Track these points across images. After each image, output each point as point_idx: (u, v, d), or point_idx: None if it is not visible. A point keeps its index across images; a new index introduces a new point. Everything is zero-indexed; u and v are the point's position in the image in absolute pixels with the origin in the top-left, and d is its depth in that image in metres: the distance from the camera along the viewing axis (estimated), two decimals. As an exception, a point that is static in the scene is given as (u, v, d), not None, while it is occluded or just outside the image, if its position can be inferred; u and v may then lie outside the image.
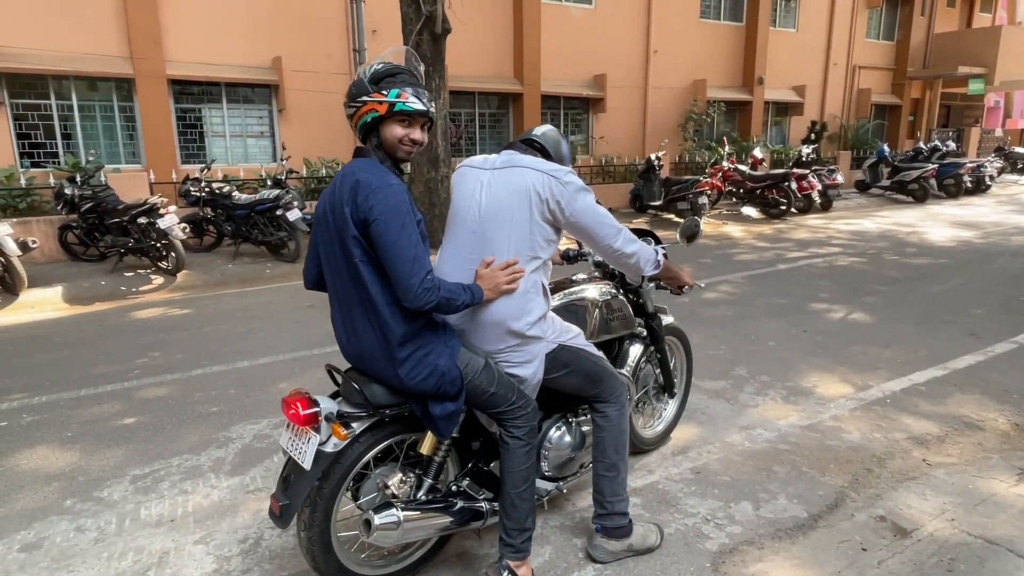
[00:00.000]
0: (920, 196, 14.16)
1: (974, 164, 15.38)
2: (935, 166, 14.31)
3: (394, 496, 2.03)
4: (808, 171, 12.24)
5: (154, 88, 10.19)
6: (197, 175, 8.53)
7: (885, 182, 14.57)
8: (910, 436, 3.32)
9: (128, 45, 9.99)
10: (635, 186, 12.15)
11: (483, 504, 2.18)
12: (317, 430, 1.87)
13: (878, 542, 2.45)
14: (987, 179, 15.51)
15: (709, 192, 11.25)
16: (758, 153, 12.94)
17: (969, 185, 15.07)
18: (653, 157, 11.69)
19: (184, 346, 4.94)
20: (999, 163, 16.72)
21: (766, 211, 12.16)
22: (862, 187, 15.15)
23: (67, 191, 7.62)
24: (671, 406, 3.25)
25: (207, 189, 8.23)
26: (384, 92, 1.83)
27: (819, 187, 12.15)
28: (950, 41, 20.53)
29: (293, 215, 7.68)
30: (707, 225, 11.09)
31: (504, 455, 2.07)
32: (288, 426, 1.97)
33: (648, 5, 14.90)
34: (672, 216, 11.50)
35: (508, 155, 2.17)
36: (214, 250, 8.55)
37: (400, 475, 2.07)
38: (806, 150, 14.12)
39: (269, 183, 8.76)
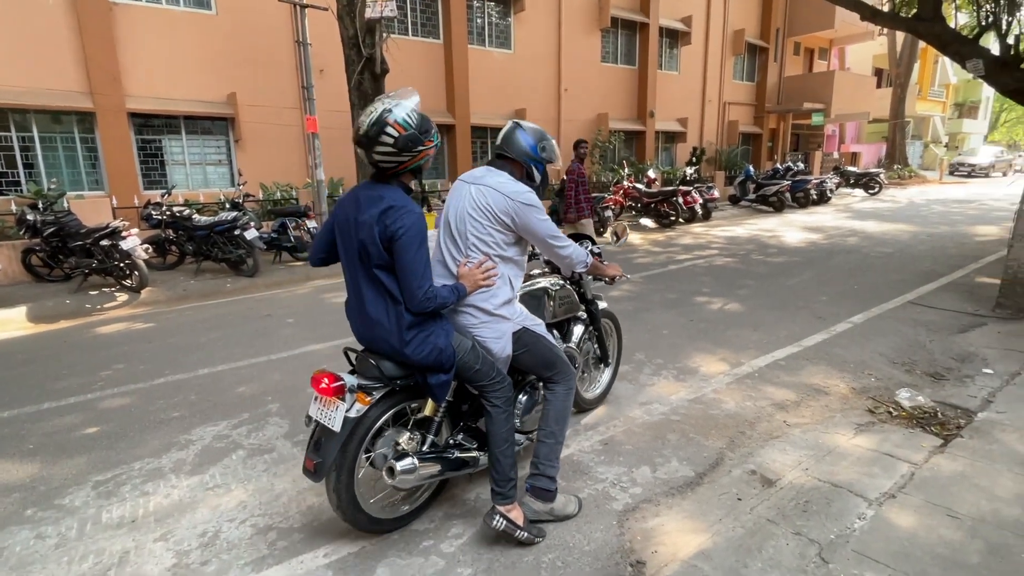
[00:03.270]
0: (778, 207, 15.00)
1: (818, 180, 16.43)
2: (789, 182, 15.18)
3: (404, 451, 2.16)
4: (691, 188, 12.71)
5: (114, 121, 9.45)
6: (158, 200, 7.96)
7: (751, 196, 15.34)
8: (773, 403, 3.49)
9: (88, 82, 9.23)
10: (553, 203, 12.29)
11: (474, 454, 2.34)
12: (342, 399, 2.02)
13: (750, 492, 2.56)
14: (828, 192, 16.59)
15: (613, 207, 11.54)
16: (651, 174, 13.35)
17: (815, 197, 16.08)
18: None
19: (147, 357, 4.58)
20: (837, 179, 17.91)
21: (659, 221, 12.56)
22: (734, 200, 15.90)
23: (29, 217, 6.94)
24: (606, 374, 3.49)
25: (168, 212, 7.70)
26: (432, 139, 2.02)
27: (700, 201, 12.63)
28: (796, 83, 21.93)
29: (250, 234, 7.30)
30: (610, 234, 11.35)
31: (488, 421, 2.21)
32: (316, 398, 2.09)
33: (558, 51, 15.12)
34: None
35: (484, 171, 2.30)
36: (177, 268, 8.01)
37: (408, 434, 2.20)
38: (689, 171, 14.69)
39: (227, 206, 8.30)
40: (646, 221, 12.82)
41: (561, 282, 2.94)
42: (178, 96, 10.02)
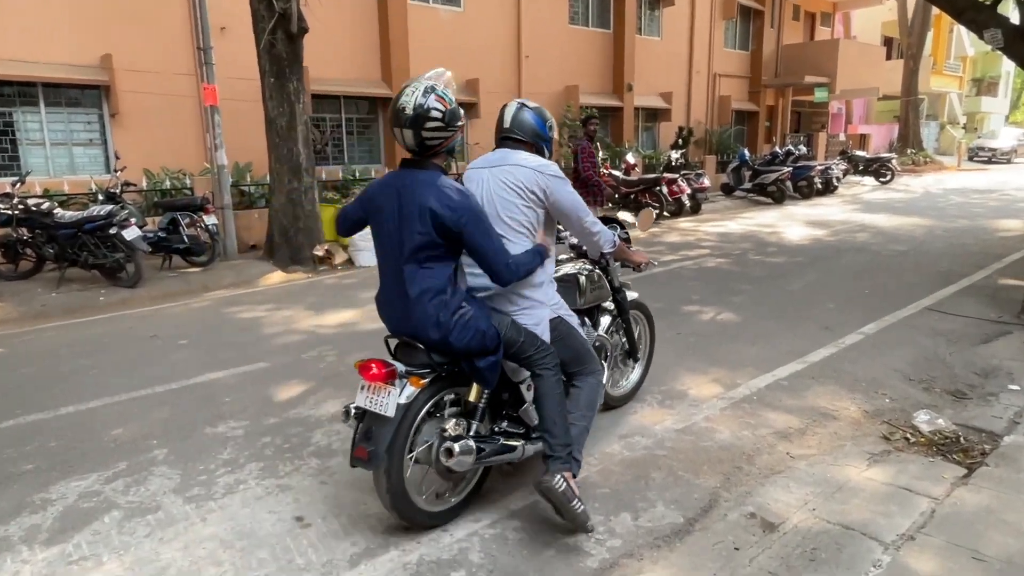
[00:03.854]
0: (778, 198, 15.56)
1: (823, 167, 17.15)
2: (790, 169, 15.78)
3: (458, 435, 2.50)
4: (678, 175, 13.04)
5: (-51, 88, 8.97)
6: (8, 190, 7.58)
7: (747, 185, 15.87)
8: (775, 431, 3.59)
9: (-88, 37, 8.74)
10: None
11: (519, 442, 2.73)
12: (393, 385, 2.37)
13: (749, 539, 2.61)
14: (834, 180, 17.34)
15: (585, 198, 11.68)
16: (630, 158, 13.61)
17: (819, 186, 16.78)
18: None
19: (-8, 393, 4.34)
20: (844, 165, 18.76)
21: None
22: (727, 190, 16.39)
23: None
24: (636, 370, 3.93)
25: (21, 206, 7.33)
26: (464, 116, 2.42)
27: (688, 191, 12.96)
28: (796, 52, 22.86)
29: (130, 233, 7.03)
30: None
31: (540, 387, 2.61)
32: (363, 387, 2.44)
33: (518, 9, 15.27)
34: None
35: (501, 153, 2.73)
36: (33, 277, 7.64)
37: (454, 421, 2.55)
38: (675, 155, 15.05)
39: (101, 198, 7.99)
40: (624, 215, 13.03)
41: (590, 267, 3.38)
42: (35, 58, 9.58)
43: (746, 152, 16.43)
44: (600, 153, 14.14)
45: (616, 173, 13.08)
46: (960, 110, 36.53)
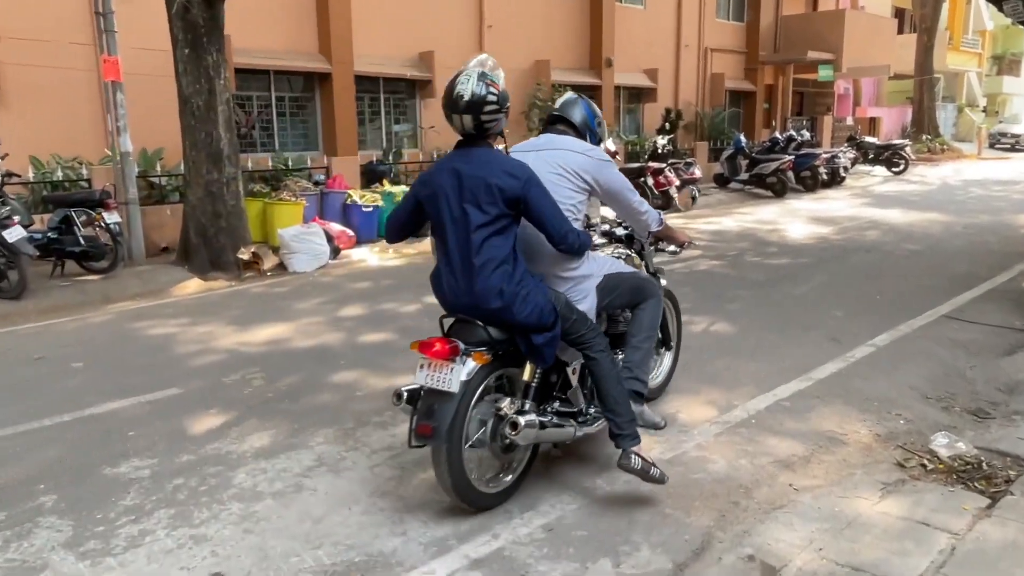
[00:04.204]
0: (779, 190, 15.85)
1: (829, 155, 17.56)
2: (791, 158, 16.09)
3: (516, 411, 2.97)
4: (665, 165, 13.19)
5: None
6: None
7: (744, 176, 16.14)
8: (776, 459, 3.63)
9: None
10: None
11: (572, 421, 3.26)
12: (455, 361, 2.80)
13: (747, 587, 2.63)
14: (841, 170, 17.77)
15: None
16: (610, 145, 13.65)
17: (825, 177, 17.16)
18: None
19: None
20: (852, 153, 19.23)
21: (623, 211, 12.91)
22: (721, 181, 16.65)
23: None
24: (667, 359, 4.36)
25: None
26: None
27: (677, 183, 13.11)
28: (798, 24, 23.40)
29: (13, 234, 6.86)
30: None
31: (595, 369, 3.12)
32: (422, 367, 2.87)
33: (478, -29, 15.33)
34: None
35: (548, 138, 3.30)
36: None
37: (508, 400, 3.03)
38: (662, 141, 15.25)
39: (-23, 192, 7.77)
40: (605, 211, 13.13)
41: (627, 252, 3.87)
42: None
43: (742, 138, 16.73)
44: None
45: (594, 162, 13.18)
46: (979, 91, 37.86)
